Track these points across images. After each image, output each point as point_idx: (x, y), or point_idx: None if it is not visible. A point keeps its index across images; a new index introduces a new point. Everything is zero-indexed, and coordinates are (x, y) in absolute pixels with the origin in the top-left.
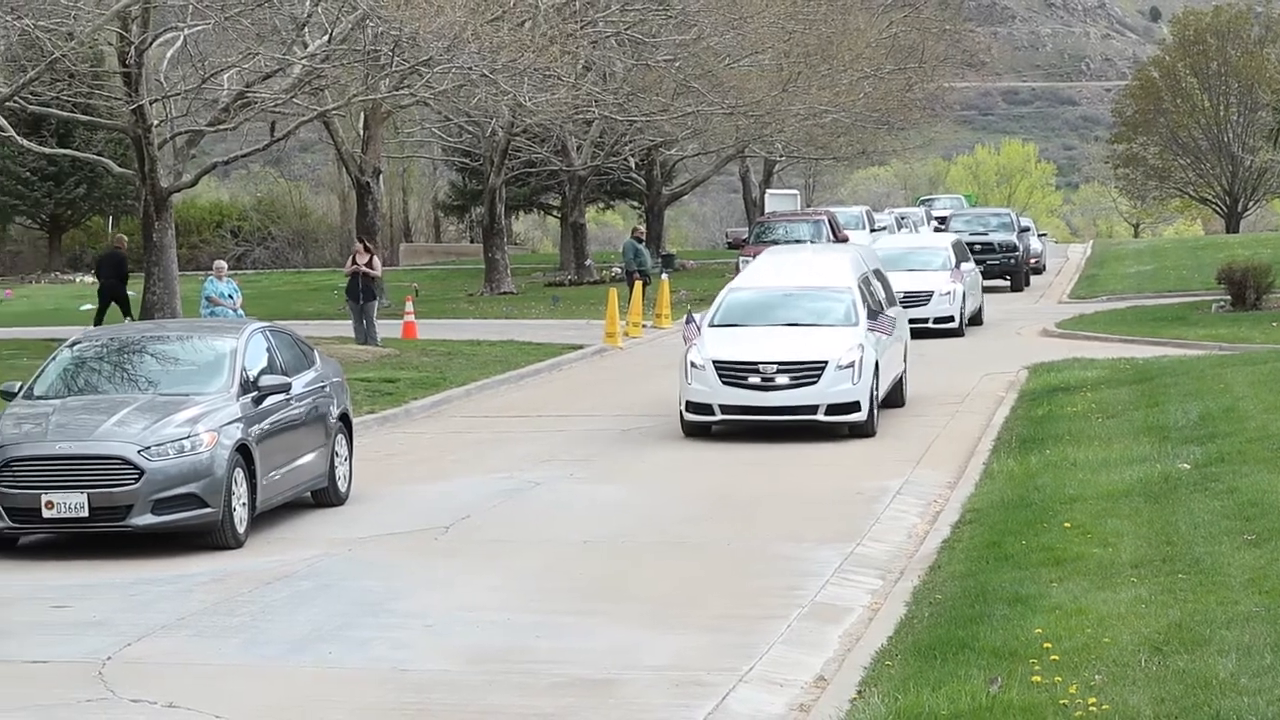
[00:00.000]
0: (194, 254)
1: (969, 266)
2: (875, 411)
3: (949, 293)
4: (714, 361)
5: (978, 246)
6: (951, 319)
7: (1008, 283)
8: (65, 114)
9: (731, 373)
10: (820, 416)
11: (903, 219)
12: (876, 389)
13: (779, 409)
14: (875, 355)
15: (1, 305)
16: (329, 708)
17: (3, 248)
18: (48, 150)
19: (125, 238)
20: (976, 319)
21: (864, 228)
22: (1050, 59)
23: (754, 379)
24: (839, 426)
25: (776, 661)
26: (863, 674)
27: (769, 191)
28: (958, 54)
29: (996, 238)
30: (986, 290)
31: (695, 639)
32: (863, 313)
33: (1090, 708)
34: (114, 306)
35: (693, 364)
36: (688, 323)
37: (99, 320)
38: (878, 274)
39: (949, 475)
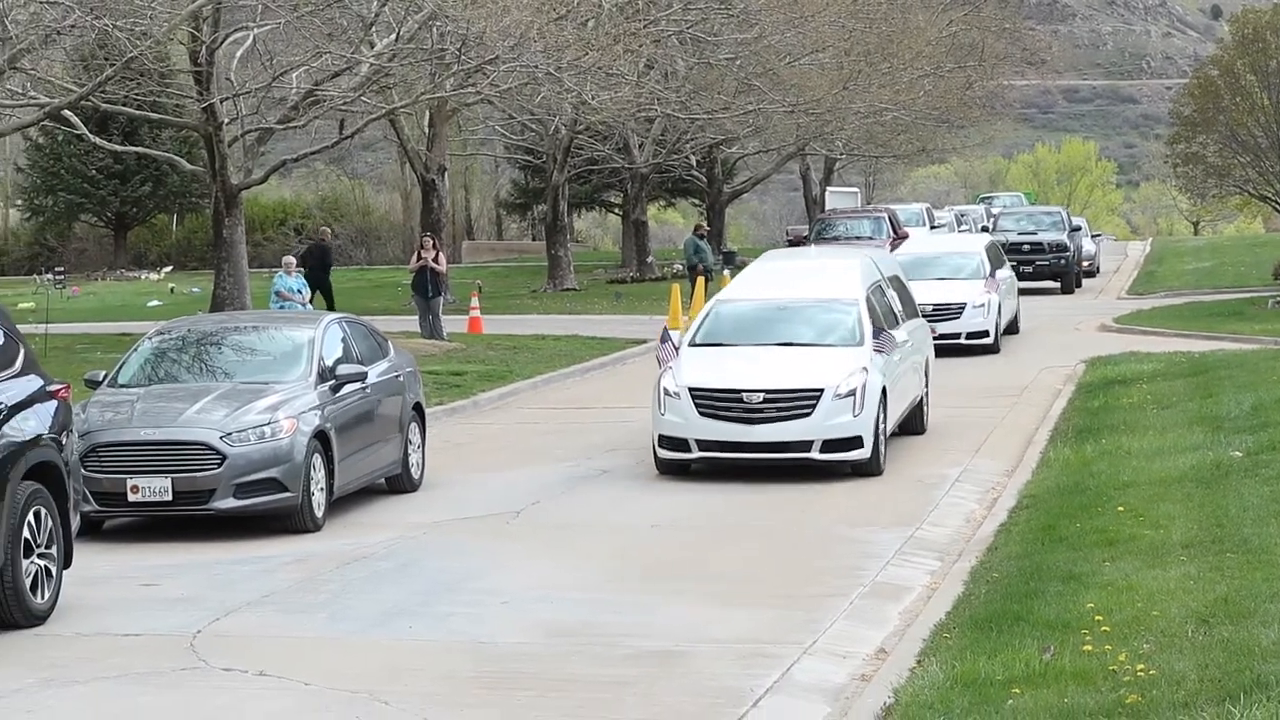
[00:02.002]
0: (258, 251)
1: (1005, 274)
2: (882, 447)
3: (983, 305)
4: (690, 389)
5: (1026, 246)
6: (986, 334)
7: (1058, 285)
8: (138, 113)
9: (710, 402)
10: (815, 454)
11: (962, 216)
12: (883, 420)
13: (765, 445)
14: (882, 380)
15: (69, 301)
16: (413, 676)
17: (69, 245)
18: (119, 148)
19: (329, 230)
20: (1013, 327)
21: (924, 225)
22: (1111, 57)
23: (737, 410)
24: (838, 465)
25: (839, 636)
26: (922, 646)
27: (830, 189)
28: (1018, 52)
29: (1046, 237)
30: (1036, 292)
31: (760, 615)
32: (869, 330)
33: (1138, 673)
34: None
35: (666, 391)
36: (663, 341)
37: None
38: (896, 282)
39: (1007, 464)
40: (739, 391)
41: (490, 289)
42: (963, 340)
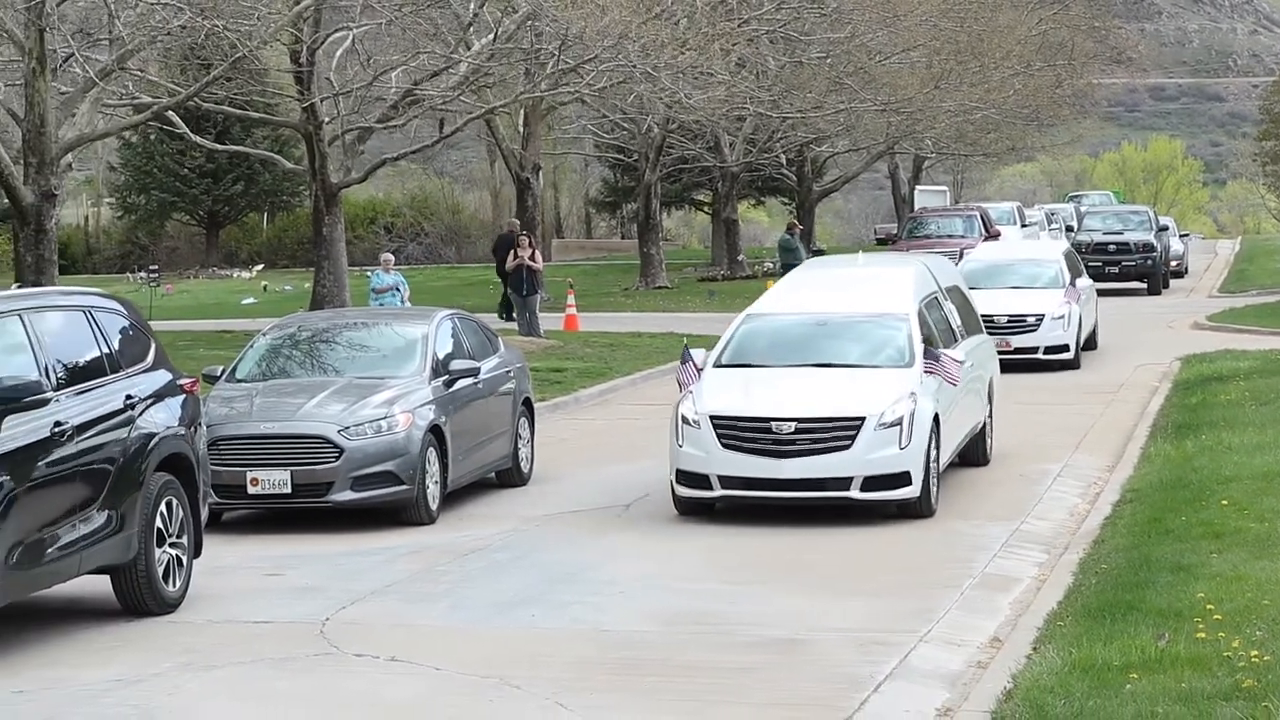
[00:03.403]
0: (349, 250)
1: (1085, 283)
2: (934, 483)
3: (1062, 316)
4: (712, 417)
5: (1112, 246)
6: (1065, 348)
7: (1144, 286)
8: (239, 112)
9: (734, 432)
10: (854, 493)
11: (1052, 215)
12: (935, 452)
13: (796, 483)
14: (934, 406)
15: (164, 299)
16: (540, 662)
17: (160, 243)
18: (221, 147)
19: (517, 221)
20: (1091, 342)
21: (1014, 224)
22: (1197, 55)
23: (764, 441)
24: (884, 505)
25: (953, 625)
26: (1035, 634)
27: (919, 188)
28: (1106, 50)
29: (1133, 237)
30: (1123, 293)
31: (874, 605)
32: (919, 349)
33: (1253, 659)
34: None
35: (684, 419)
36: (683, 362)
37: (504, 303)
38: (955, 293)
39: (1107, 459)
40: (767, 420)
41: (582, 287)
42: (1040, 355)
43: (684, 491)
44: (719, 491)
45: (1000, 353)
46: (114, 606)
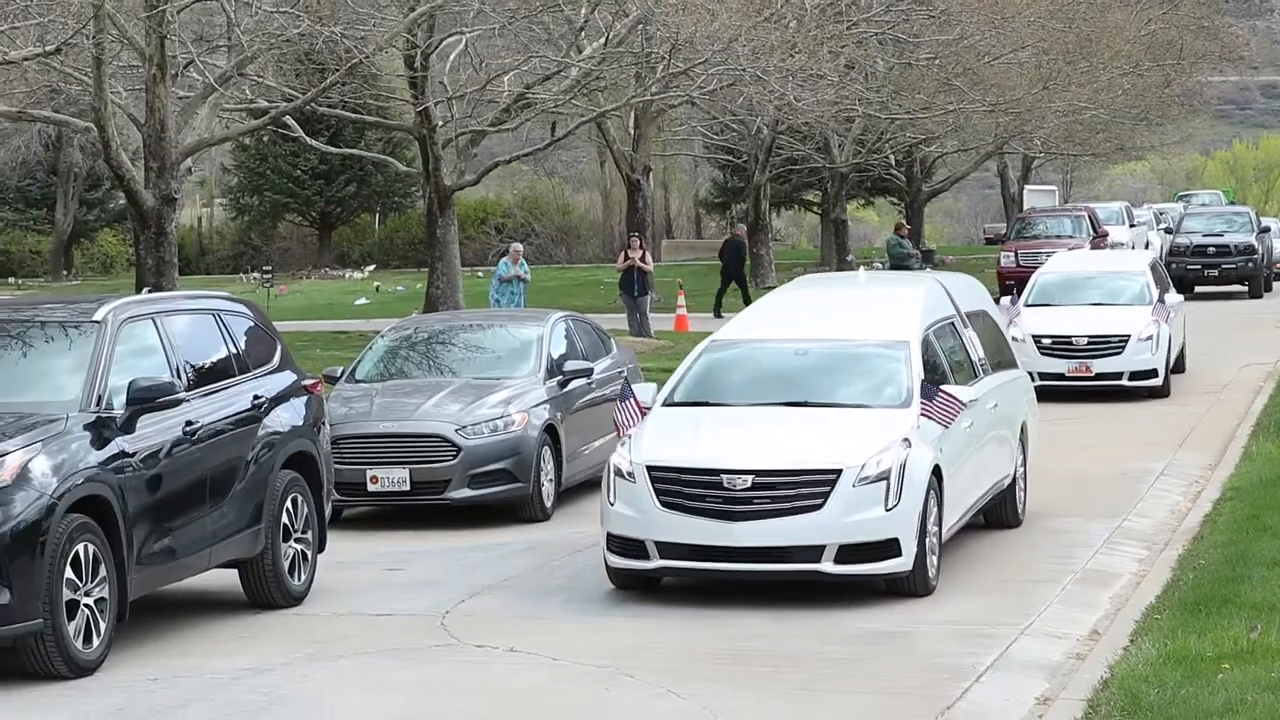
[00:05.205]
0: (460, 250)
1: (1174, 299)
2: (932, 553)
3: (1150, 337)
4: (649, 467)
5: (1212, 249)
6: (1153, 373)
7: (1245, 289)
8: (354, 116)
9: (676, 487)
10: (826, 565)
11: (1161, 214)
12: (936, 513)
13: (752, 553)
14: (933, 456)
15: (277, 300)
16: (654, 651)
17: (272, 244)
18: (334, 149)
19: (744, 227)
20: (1179, 365)
21: (1123, 223)
22: None
23: (713, 499)
24: (871, 580)
25: (1053, 618)
26: (1133, 627)
27: (1028, 188)
28: (1216, 49)
29: (1233, 239)
30: (1220, 297)
31: (977, 600)
32: (918, 385)
33: None
34: (734, 287)
35: (618, 471)
36: (623, 399)
37: (719, 302)
38: (982, 319)
39: (1209, 458)
40: (716, 472)
41: (692, 288)
42: (1125, 381)
43: (616, 561)
44: (657, 562)
45: (1079, 378)
46: (241, 600)
